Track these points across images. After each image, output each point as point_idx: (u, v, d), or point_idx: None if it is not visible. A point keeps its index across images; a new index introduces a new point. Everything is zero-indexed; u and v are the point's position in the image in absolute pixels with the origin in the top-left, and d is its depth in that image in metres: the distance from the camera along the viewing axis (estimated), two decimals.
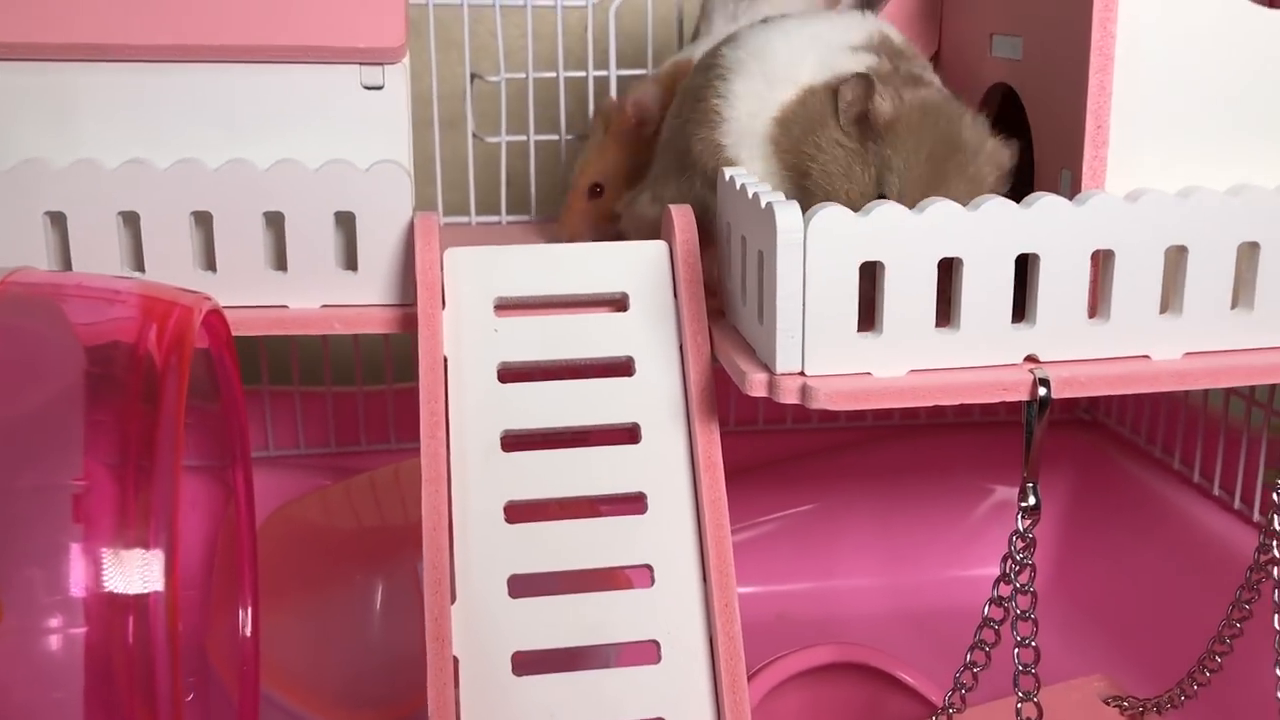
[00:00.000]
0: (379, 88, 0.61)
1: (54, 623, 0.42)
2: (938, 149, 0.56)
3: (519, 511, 0.57)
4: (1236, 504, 0.76)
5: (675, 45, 0.83)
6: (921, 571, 0.88)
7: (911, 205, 0.52)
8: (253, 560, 0.62)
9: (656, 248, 0.61)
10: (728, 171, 0.59)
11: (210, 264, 0.60)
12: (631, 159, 0.73)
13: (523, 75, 0.83)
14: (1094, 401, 0.92)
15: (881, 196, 0.55)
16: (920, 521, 0.89)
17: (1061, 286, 0.52)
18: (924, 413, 0.91)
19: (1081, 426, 0.92)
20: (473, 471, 0.57)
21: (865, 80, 0.57)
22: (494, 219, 0.84)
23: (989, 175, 0.57)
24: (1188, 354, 0.54)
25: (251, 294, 0.61)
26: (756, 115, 0.60)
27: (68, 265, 0.59)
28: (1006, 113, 0.62)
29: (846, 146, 0.58)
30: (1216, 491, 0.77)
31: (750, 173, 0.59)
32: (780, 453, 0.90)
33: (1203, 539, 0.76)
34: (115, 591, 0.41)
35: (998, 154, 0.58)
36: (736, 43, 0.63)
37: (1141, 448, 0.86)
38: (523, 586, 0.56)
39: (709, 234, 0.61)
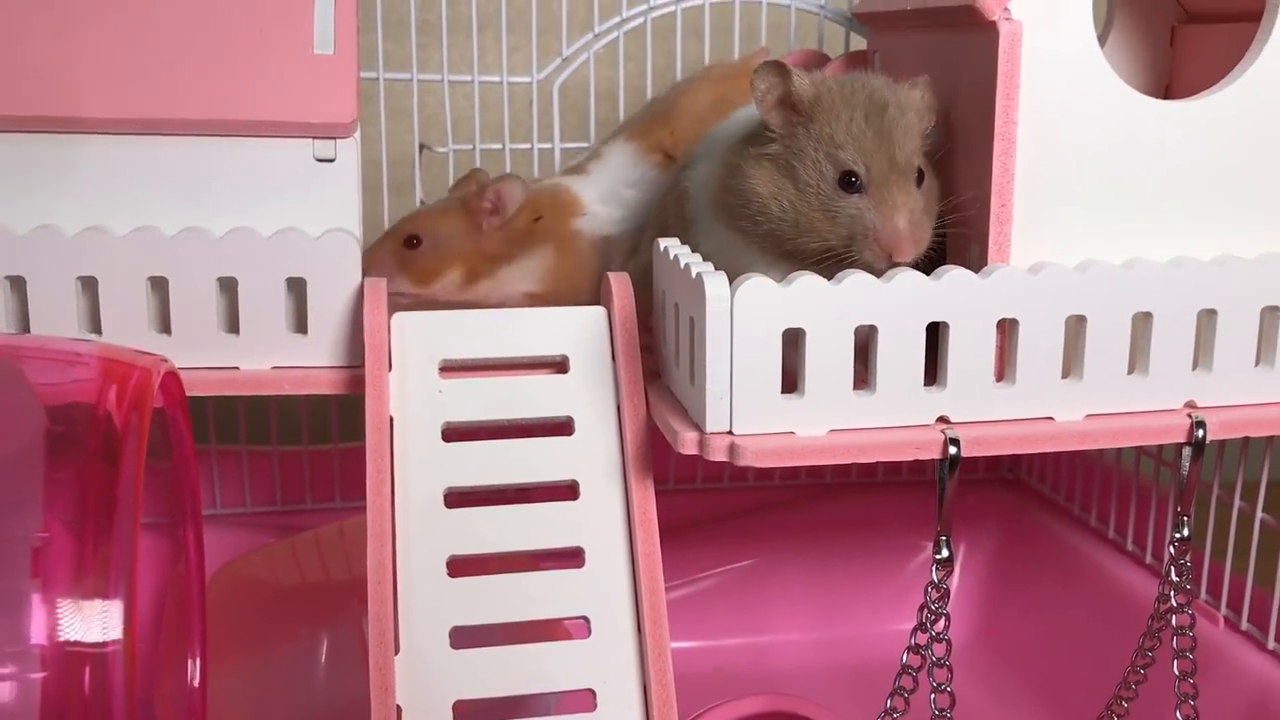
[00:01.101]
0: (330, 160, 0.64)
1: (10, 671, 0.44)
2: (870, 111, 0.57)
3: (461, 565, 0.60)
4: (1148, 559, 0.79)
5: (616, 119, 0.87)
6: (855, 626, 0.91)
7: (875, 176, 0.55)
8: (202, 613, 0.63)
9: (595, 313, 0.65)
10: (662, 242, 0.62)
11: (165, 327, 0.63)
12: (467, 237, 0.76)
13: (469, 146, 0.86)
14: (1016, 461, 0.96)
15: (847, 175, 0.56)
16: (853, 577, 0.92)
17: (970, 352, 0.56)
18: (856, 471, 0.94)
19: (1005, 485, 0.96)
20: (416, 527, 0.60)
21: (776, 65, 0.57)
22: None
23: (917, 123, 0.58)
24: (1089, 415, 0.58)
25: (204, 356, 0.63)
26: (709, 193, 0.64)
27: (26, 328, 0.61)
28: None
29: (767, 154, 0.58)
30: (1129, 547, 0.81)
31: (707, 245, 0.62)
32: (718, 510, 0.92)
33: (1116, 592, 0.79)
34: (73, 640, 0.43)
35: (915, 99, 0.59)
36: (703, 140, 0.67)
37: (1061, 505, 0.90)
38: (464, 638, 0.58)
39: None
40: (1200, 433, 0.57)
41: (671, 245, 0.61)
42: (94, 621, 0.44)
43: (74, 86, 0.61)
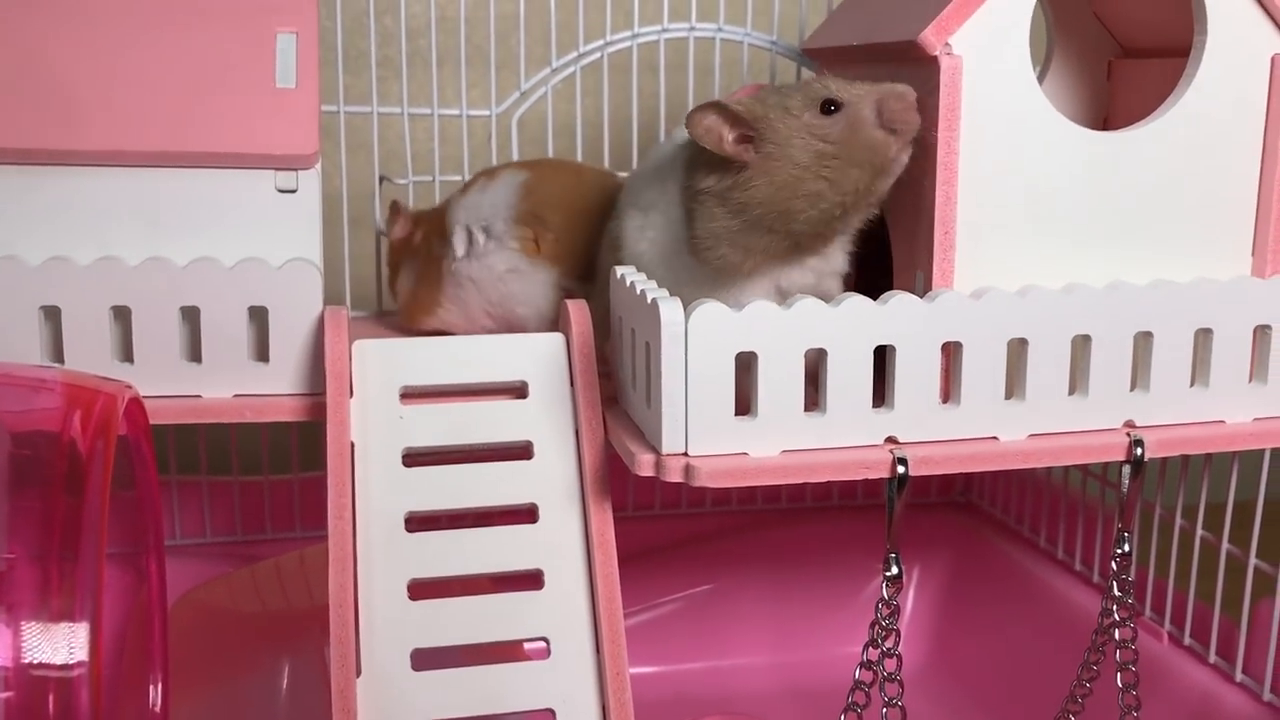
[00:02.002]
0: (292, 191, 0.65)
1: None
2: (805, 107, 0.59)
3: (422, 589, 0.60)
4: (1095, 577, 0.81)
5: (575, 151, 0.89)
6: (813, 649, 0.92)
7: (845, 88, 0.58)
8: (164, 639, 0.64)
9: (554, 339, 0.66)
10: (619, 270, 0.64)
11: (128, 355, 0.63)
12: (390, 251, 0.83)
13: (429, 178, 0.87)
14: (968, 485, 0.98)
15: (827, 103, 0.58)
16: (810, 600, 0.93)
17: (916, 375, 0.58)
18: (811, 495, 0.96)
19: (957, 508, 0.97)
20: (377, 551, 0.60)
21: (711, 104, 0.59)
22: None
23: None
24: (1031, 435, 0.60)
25: (167, 384, 0.64)
26: (646, 243, 0.65)
27: None
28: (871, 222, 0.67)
29: (750, 176, 0.59)
30: (1078, 566, 0.83)
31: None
32: (676, 536, 0.93)
33: (1065, 609, 0.81)
34: (39, 662, 0.43)
35: (813, 89, 0.60)
36: (626, 188, 0.69)
37: (1012, 527, 0.92)
38: (426, 660, 0.59)
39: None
40: (1139, 451, 0.60)
41: (629, 273, 0.63)
42: (59, 644, 0.44)
43: (40, 119, 0.62)
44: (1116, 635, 0.62)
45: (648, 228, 0.65)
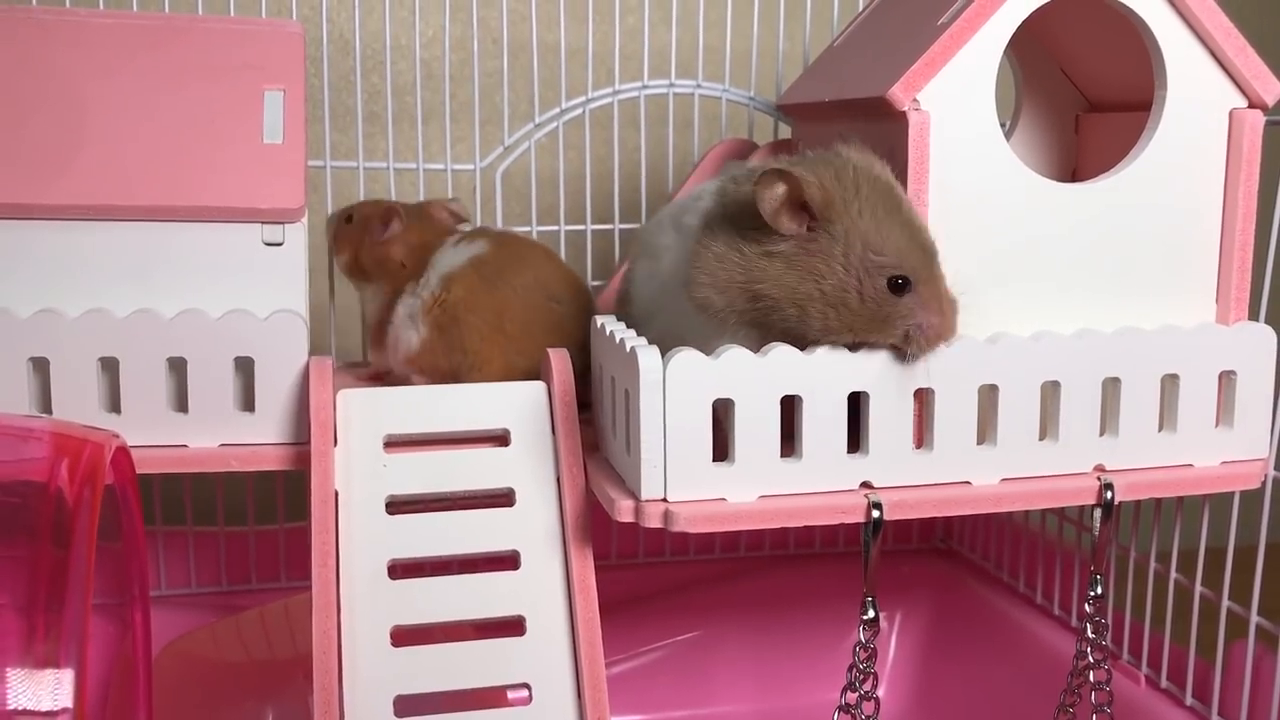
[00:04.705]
0: (279, 244, 0.66)
1: None
2: (884, 202, 0.57)
3: (405, 635, 0.61)
4: (1073, 621, 0.82)
5: (558, 206, 0.90)
6: (796, 696, 0.92)
7: (921, 275, 0.56)
8: (148, 691, 0.64)
9: (536, 388, 0.67)
10: (599, 319, 0.65)
11: (115, 406, 0.64)
12: None
13: None
14: (948, 530, 0.99)
15: (895, 280, 0.56)
16: (794, 648, 0.93)
17: (890, 421, 0.59)
18: (794, 542, 0.96)
19: (939, 555, 0.98)
20: (361, 598, 0.61)
21: (779, 173, 0.55)
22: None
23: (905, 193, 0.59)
24: (1003, 479, 0.61)
25: (153, 434, 0.64)
26: (656, 285, 0.65)
27: None
28: None
29: (779, 252, 0.57)
30: (1056, 611, 0.84)
31: (659, 327, 0.63)
32: (660, 585, 0.94)
33: (1043, 653, 0.82)
34: (23, 709, 0.44)
35: (886, 169, 0.59)
36: (638, 239, 0.70)
37: (991, 573, 0.93)
38: (408, 706, 0.59)
39: None
40: (1109, 494, 0.61)
41: (608, 322, 0.64)
42: (44, 691, 0.45)
43: (30, 175, 0.63)
44: (1091, 677, 0.63)
45: (657, 274, 0.65)
